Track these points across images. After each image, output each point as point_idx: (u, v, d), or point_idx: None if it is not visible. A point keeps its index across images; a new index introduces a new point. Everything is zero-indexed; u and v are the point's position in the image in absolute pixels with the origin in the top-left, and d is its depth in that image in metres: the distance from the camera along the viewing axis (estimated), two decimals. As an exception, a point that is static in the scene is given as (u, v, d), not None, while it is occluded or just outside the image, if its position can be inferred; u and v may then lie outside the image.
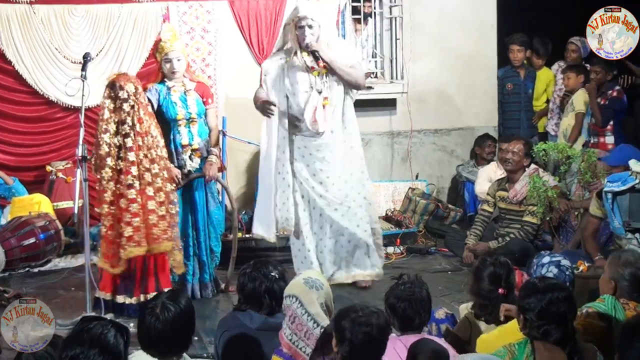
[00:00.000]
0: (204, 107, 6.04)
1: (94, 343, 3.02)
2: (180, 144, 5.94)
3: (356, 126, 6.15)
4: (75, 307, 5.71)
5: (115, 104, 5.48)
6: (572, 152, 6.78)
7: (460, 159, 8.77)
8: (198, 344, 5.02)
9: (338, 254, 6.08)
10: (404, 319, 3.75)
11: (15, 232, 6.84)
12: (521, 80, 8.60)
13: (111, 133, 5.46)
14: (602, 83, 7.45)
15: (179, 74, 5.96)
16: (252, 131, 7.12)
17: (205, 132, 6.05)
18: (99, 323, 3.10)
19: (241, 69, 7.92)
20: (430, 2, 8.53)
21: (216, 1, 7.91)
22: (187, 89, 5.98)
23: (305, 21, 5.83)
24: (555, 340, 3.38)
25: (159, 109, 5.92)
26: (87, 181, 5.36)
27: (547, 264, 4.41)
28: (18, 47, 7.51)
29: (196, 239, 6.05)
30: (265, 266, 4.05)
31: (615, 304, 3.87)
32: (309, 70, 5.90)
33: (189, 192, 6.01)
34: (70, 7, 7.59)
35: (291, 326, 3.64)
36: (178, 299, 3.54)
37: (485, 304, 4.24)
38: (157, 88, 5.96)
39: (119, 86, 5.49)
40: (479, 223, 7.05)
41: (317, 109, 5.86)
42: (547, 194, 6.53)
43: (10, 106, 7.63)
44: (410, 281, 3.83)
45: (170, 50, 5.90)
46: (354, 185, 6.08)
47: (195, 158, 5.98)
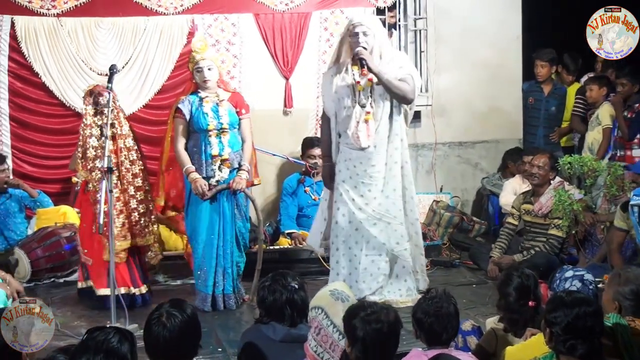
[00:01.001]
0: (237, 118, 6.05)
1: (98, 349, 3.05)
2: (210, 155, 5.95)
3: (404, 142, 6.02)
4: (100, 316, 5.73)
5: (96, 109, 5.95)
6: (598, 165, 6.73)
7: (484, 171, 8.74)
8: (222, 355, 5.03)
9: (374, 277, 5.88)
10: (431, 334, 3.73)
11: (41, 242, 6.89)
12: (543, 96, 8.47)
13: (96, 136, 5.92)
14: (629, 96, 7.40)
15: (212, 83, 5.99)
16: (276, 143, 7.16)
17: (238, 144, 6.06)
18: (103, 331, 3.14)
19: (266, 81, 7.96)
20: (455, 15, 8.52)
21: (241, 14, 7.96)
22: (220, 100, 6.00)
23: (360, 28, 5.77)
24: (580, 355, 3.34)
25: (190, 120, 5.96)
26: (112, 192, 5.39)
27: (571, 278, 4.36)
28: (45, 60, 7.60)
29: (222, 249, 6.04)
30: (284, 278, 4.04)
31: (620, 321, 3.81)
32: (354, 85, 5.81)
33: (217, 202, 6.00)
34: (96, 19, 7.67)
35: (316, 338, 3.63)
36: (182, 307, 3.55)
37: (515, 319, 4.19)
38: (189, 99, 6.00)
39: (98, 92, 5.95)
40: (503, 236, 7.02)
41: (359, 124, 5.77)
42: (572, 207, 6.49)
43: (37, 118, 7.71)
44: (438, 296, 3.79)
45: (201, 59, 5.94)
46: (396, 201, 5.92)
47: (225, 169, 5.98)
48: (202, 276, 6.02)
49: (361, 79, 5.78)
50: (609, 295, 3.96)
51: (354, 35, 5.78)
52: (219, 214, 6.00)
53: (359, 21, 5.82)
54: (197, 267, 6.06)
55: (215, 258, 6.01)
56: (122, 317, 5.31)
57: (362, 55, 5.69)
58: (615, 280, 3.99)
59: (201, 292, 6.03)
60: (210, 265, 5.98)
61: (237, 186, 5.95)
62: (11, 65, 7.59)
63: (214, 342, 5.26)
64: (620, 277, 3.97)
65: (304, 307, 3.94)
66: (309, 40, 8.14)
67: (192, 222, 6.05)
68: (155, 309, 3.56)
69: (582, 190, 6.74)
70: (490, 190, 8.41)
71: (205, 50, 6.00)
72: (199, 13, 7.84)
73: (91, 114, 5.95)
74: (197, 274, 6.06)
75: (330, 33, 8.16)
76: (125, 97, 7.61)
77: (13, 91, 7.63)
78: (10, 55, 7.58)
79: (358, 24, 5.79)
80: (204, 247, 5.99)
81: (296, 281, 4.05)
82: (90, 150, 5.90)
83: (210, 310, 5.97)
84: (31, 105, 7.69)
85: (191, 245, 6.13)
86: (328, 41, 8.16)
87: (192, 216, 6.04)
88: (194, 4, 7.81)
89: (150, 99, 7.85)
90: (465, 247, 7.65)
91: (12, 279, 5.55)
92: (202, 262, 6.01)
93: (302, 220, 7.57)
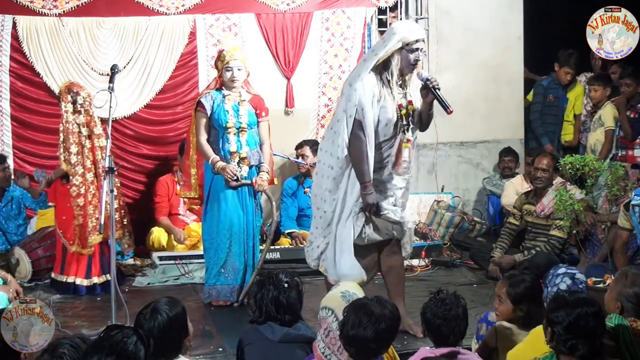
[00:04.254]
0: (255, 119, 6.12)
1: (112, 350, 3.02)
2: (228, 151, 6.02)
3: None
4: (100, 315, 5.73)
5: (74, 107, 6.28)
6: (599, 165, 6.72)
7: (486, 171, 8.74)
8: (222, 355, 5.03)
9: None
10: (439, 336, 3.76)
11: (41, 242, 6.90)
12: (561, 93, 8.52)
13: (75, 134, 6.27)
14: (632, 96, 7.39)
15: (238, 83, 6.07)
16: (277, 143, 7.14)
17: (255, 143, 6.13)
18: (121, 332, 3.11)
19: (267, 81, 7.94)
20: (456, 15, 8.52)
21: (243, 14, 7.96)
22: (242, 99, 6.08)
23: (420, 44, 5.12)
24: (581, 356, 3.34)
25: (211, 116, 6.03)
26: (113, 192, 5.39)
27: (562, 275, 4.39)
28: (47, 60, 7.60)
29: (246, 243, 6.09)
30: (276, 276, 4.00)
31: (622, 322, 3.80)
32: (406, 107, 5.22)
33: (242, 198, 6.07)
34: (98, 19, 7.67)
35: (325, 339, 3.62)
36: (170, 304, 3.59)
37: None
38: (212, 95, 6.08)
39: (76, 92, 6.31)
40: (505, 236, 7.02)
41: (401, 150, 5.23)
42: (573, 207, 6.48)
43: (38, 118, 7.71)
44: (448, 298, 3.80)
45: (232, 59, 6.01)
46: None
47: (244, 166, 6.06)
48: (229, 270, 6.05)
49: (403, 100, 5.20)
50: (613, 295, 3.96)
51: (414, 52, 5.10)
52: (244, 210, 6.06)
53: (422, 36, 5.18)
54: (219, 261, 6.06)
55: (243, 253, 6.06)
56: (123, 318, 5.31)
57: (432, 80, 5.14)
58: (621, 280, 3.98)
59: (229, 285, 6.05)
60: (240, 261, 6.04)
61: (259, 188, 6.07)
62: (13, 65, 7.59)
63: (214, 342, 5.26)
64: (627, 279, 3.96)
65: (292, 307, 3.93)
66: (310, 40, 8.14)
67: (215, 218, 6.07)
68: (146, 306, 3.60)
69: (583, 191, 6.74)
70: (490, 191, 8.42)
71: (237, 51, 6.14)
72: (201, 13, 7.84)
73: (70, 111, 6.28)
74: (220, 270, 6.06)
75: (332, 33, 8.16)
76: (127, 97, 7.63)
77: (14, 91, 7.63)
78: (12, 55, 7.57)
79: (421, 40, 5.14)
80: (231, 242, 6.03)
81: (290, 280, 3.99)
82: (74, 146, 6.25)
83: (236, 301, 6.04)
84: (32, 105, 7.69)
85: (212, 241, 6.11)
86: (329, 41, 8.16)
87: (216, 212, 6.07)
88: (195, 3, 7.81)
89: (151, 99, 7.85)
90: (466, 247, 7.64)
91: (13, 279, 5.56)
92: (229, 256, 6.04)
93: (303, 220, 7.58)
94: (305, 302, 4.12)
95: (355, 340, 3.40)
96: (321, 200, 5.32)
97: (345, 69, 8.14)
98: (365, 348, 3.41)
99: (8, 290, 5.13)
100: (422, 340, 4.90)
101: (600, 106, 7.79)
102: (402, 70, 5.15)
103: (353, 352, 3.44)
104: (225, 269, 6.06)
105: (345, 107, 5.12)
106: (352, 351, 3.45)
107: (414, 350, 4.14)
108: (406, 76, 5.19)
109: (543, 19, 9.18)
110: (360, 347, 3.41)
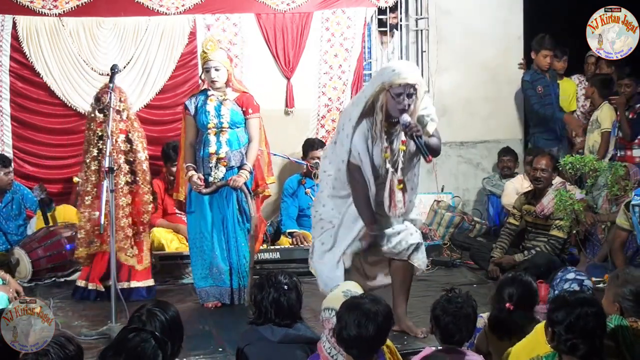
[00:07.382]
0: (241, 118, 6.04)
1: (131, 354, 3.00)
2: (207, 153, 5.98)
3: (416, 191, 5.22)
4: (100, 317, 5.73)
5: (99, 108, 6.07)
6: (599, 165, 6.72)
7: (486, 171, 8.75)
8: (222, 355, 5.02)
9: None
10: (446, 333, 3.75)
11: (42, 242, 6.89)
12: (548, 81, 8.47)
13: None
14: (631, 96, 7.39)
15: (219, 84, 6.00)
16: (277, 143, 7.16)
17: (239, 143, 6.04)
18: (139, 335, 3.09)
19: (267, 81, 7.96)
20: (456, 15, 8.53)
21: (243, 14, 7.97)
22: (225, 99, 6.02)
23: (408, 89, 4.72)
24: (582, 355, 3.34)
25: (195, 117, 6.03)
26: (113, 192, 5.40)
27: (571, 280, 4.40)
28: (47, 60, 7.60)
29: (227, 245, 6.05)
30: (275, 277, 3.99)
31: (622, 323, 3.80)
32: (396, 151, 4.89)
33: (220, 200, 6.03)
34: (98, 19, 7.68)
35: (330, 340, 3.61)
36: (164, 307, 3.56)
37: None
38: (197, 97, 6.08)
39: (101, 93, 6.07)
40: (504, 236, 7.01)
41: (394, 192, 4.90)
42: (573, 207, 6.48)
43: (38, 118, 7.72)
44: (460, 296, 3.79)
45: (209, 60, 5.96)
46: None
47: (221, 167, 5.98)
48: (215, 272, 6.03)
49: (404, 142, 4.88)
50: (609, 298, 3.96)
51: (397, 96, 4.72)
52: (221, 211, 6.02)
53: (413, 80, 4.73)
54: (205, 264, 6.05)
55: (226, 255, 6.04)
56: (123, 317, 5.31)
57: (418, 131, 4.73)
58: (614, 282, 3.99)
59: (218, 286, 6.04)
60: (225, 262, 6.01)
61: (234, 184, 5.96)
62: (13, 65, 7.61)
63: (214, 342, 5.25)
64: (619, 279, 3.97)
65: (292, 309, 3.93)
66: (310, 40, 8.15)
67: (197, 221, 6.07)
68: (138, 308, 3.57)
69: (583, 191, 6.74)
70: (490, 191, 8.43)
71: (214, 51, 5.99)
72: (201, 13, 7.85)
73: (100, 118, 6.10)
74: (207, 272, 6.05)
75: (332, 33, 8.17)
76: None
77: (14, 91, 7.64)
78: (12, 55, 7.59)
79: (412, 84, 4.73)
80: (213, 244, 6.02)
81: (289, 282, 3.98)
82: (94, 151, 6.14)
83: (228, 302, 6.03)
84: (32, 105, 7.70)
85: (196, 243, 6.10)
86: (329, 41, 8.17)
87: (196, 216, 6.06)
88: (195, 3, 7.82)
89: (151, 99, 7.87)
90: (466, 247, 7.64)
91: (12, 280, 5.56)
92: (212, 258, 6.02)
93: (303, 220, 7.57)
94: (305, 302, 4.13)
95: (358, 340, 3.40)
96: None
97: (345, 69, 8.16)
98: (368, 346, 3.42)
99: (8, 290, 5.13)
100: (422, 340, 4.92)
101: (597, 107, 7.77)
102: (389, 113, 4.79)
103: (356, 354, 3.44)
104: (211, 271, 6.05)
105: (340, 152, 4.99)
106: (354, 353, 3.45)
107: (413, 350, 4.15)
108: (395, 119, 4.82)
109: (543, 19, 9.16)
110: (363, 346, 3.41)
